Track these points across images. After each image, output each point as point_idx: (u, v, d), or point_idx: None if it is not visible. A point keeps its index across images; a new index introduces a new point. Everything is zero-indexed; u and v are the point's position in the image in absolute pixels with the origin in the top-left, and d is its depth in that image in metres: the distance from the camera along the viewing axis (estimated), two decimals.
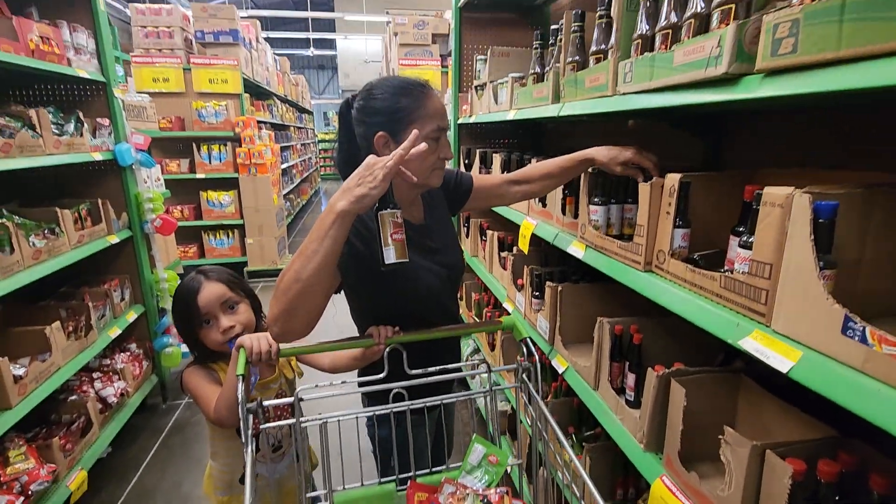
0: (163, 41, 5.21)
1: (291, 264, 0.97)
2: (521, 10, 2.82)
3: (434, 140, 1.10)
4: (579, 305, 1.57)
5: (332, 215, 0.93)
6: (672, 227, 1.02)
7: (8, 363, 1.78)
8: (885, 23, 0.55)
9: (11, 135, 1.92)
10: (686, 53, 0.88)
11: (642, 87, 1.04)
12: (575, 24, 1.45)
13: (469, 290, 2.97)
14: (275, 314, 0.98)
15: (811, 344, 0.70)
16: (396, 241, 1.00)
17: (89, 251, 2.37)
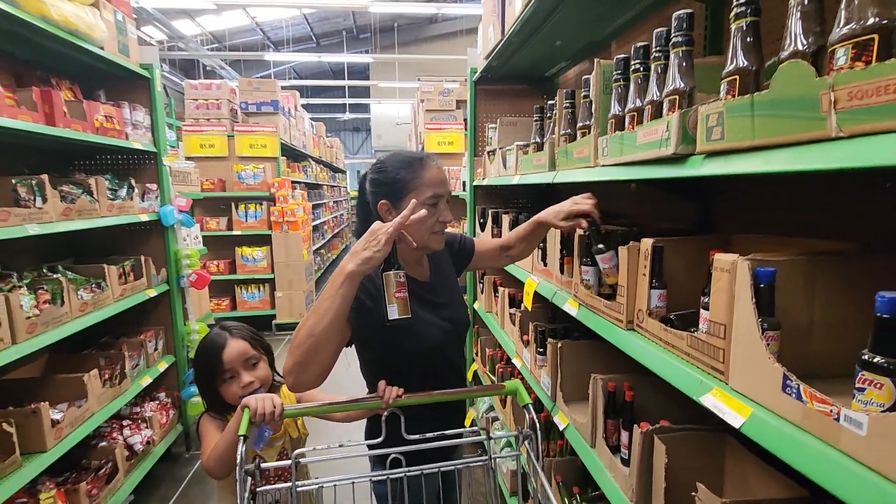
0: (211, 112, 5.75)
1: (305, 321, 1.08)
2: (532, 81, 3.03)
3: (431, 206, 1.22)
4: (579, 362, 1.61)
5: (342, 276, 1.06)
6: (648, 287, 1.09)
7: (48, 407, 1.93)
8: (781, 119, 0.65)
9: (73, 200, 2.18)
10: (645, 134, 0.99)
11: (616, 161, 1.15)
12: (566, 101, 1.60)
13: (483, 345, 3.01)
14: (289, 366, 1.08)
15: (760, 401, 0.75)
16: (399, 299, 1.10)
17: (130, 304, 2.57)
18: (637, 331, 1.14)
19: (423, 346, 1.26)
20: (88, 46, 2.23)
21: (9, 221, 1.78)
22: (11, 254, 2.32)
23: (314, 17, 14.68)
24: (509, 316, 2.34)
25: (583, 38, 2.24)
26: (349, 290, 1.06)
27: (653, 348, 1.05)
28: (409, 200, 1.22)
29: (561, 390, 1.61)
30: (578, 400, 1.60)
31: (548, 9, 1.86)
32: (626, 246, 1.15)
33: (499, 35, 2.28)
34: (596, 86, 1.27)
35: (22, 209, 1.85)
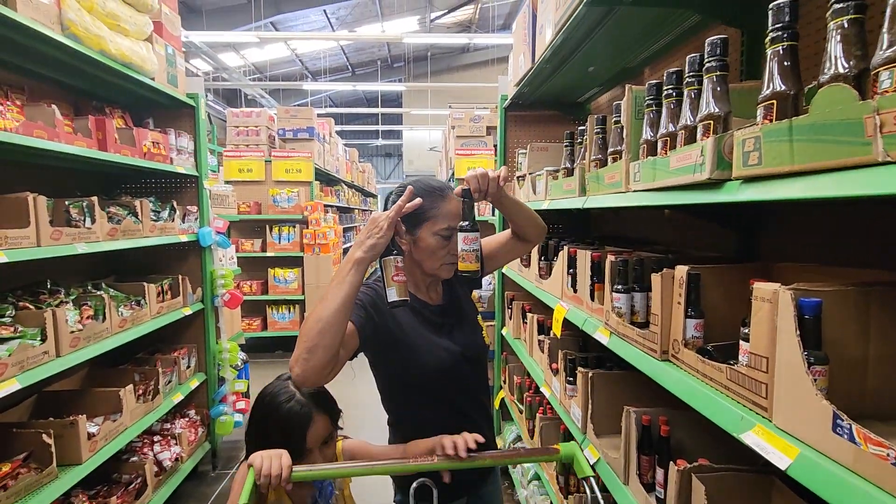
0: (251, 138, 6.00)
1: (313, 312, 1.10)
2: (563, 107, 3.04)
3: (445, 238, 1.24)
4: (612, 393, 1.55)
5: (350, 263, 1.10)
6: (684, 317, 1.05)
7: (85, 420, 1.99)
8: (822, 144, 0.62)
9: (119, 221, 2.29)
10: (678, 159, 0.97)
11: (648, 186, 1.13)
12: (597, 127, 1.59)
13: (512, 372, 2.95)
14: (296, 355, 1.06)
15: (808, 441, 0.70)
16: (397, 282, 1.13)
17: (166, 321, 2.66)
18: (672, 362, 1.10)
19: (428, 369, 1.25)
20: (141, 78, 2.37)
21: (61, 240, 1.88)
22: (61, 271, 2.44)
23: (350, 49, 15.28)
24: (538, 343, 2.30)
25: (615, 65, 2.24)
26: (356, 276, 1.09)
27: (689, 380, 1.00)
28: (424, 228, 1.25)
29: (592, 422, 1.55)
30: (610, 433, 1.54)
31: (579, 38, 1.88)
32: (659, 273, 1.12)
33: (529, 63, 2.31)
34: (627, 111, 1.26)
35: (73, 229, 1.96)
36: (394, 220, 1.13)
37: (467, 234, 1.18)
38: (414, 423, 1.31)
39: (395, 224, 1.13)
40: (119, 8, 2.22)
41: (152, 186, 2.98)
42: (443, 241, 1.24)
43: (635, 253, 1.59)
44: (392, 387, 1.32)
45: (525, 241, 1.48)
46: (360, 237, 1.13)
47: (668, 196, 1.04)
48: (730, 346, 1.04)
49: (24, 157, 2.06)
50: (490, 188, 1.22)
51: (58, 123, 1.90)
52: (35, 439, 1.84)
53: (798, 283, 0.78)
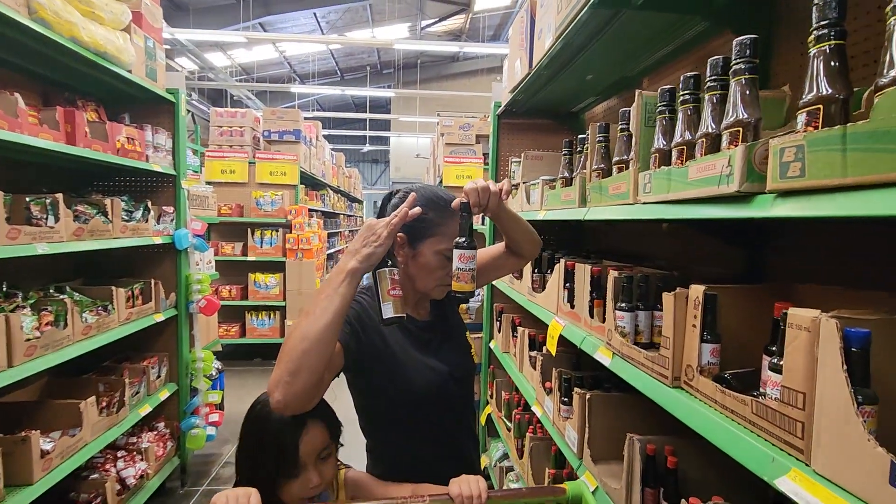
0: (234, 138, 5.84)
1: (296, 326, 0.96)
2: (557, 116, 2.98)
3: (447, 258, 1.13)
4: (611, 417, 1.46)
5: (342, 274, 0.98)
6: (699, 341, 0.96)
7: (39, 437, 1.83)
8: (887, 154, 0.54)
9: (86, 220, 2.14)
10: (699, 170, 0.89)
11: (661, 198, 1.05)
12: (600, 135, 1.51)
13: (499, 387, 2.85)
14: (277, 378, 0.93)
15: (856, 491, 0.62)
16: (394, 297, 1.03)
17: (135, 328, 2.49)
18: (685, 389, 1.01)
19: (415, 390, 1.15)
20: (116, 69, 2.24)
21: (18, 239, 1.73)
22: (22, 272, 2.27)
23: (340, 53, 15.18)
24: (529, 359, 2.20)
25: (614, 74, 2.18)
26: (349, 288, 0.98)
27: (706, 411, 0.91)
28: (427, 244, 1.15)
29: (589, 447, 1.46)
30: (609, 459, 1.44)
31: (580, 43, 1.81)
32: (671, 293, 1.03)
33: (526, 68, 2.24)
34: (637, 118, 1.19)
35: (33, 227, 1.81)
36: (395, 229, 1.02)
37: (464, 251, 1.08)
38: (396, 447, 1.20)
39: (395, 233, 1.03)
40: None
41: (126, 185, 2.83)
42: (444, 262, 1.14)
43: (637, 269, 1.52)
44: (373, 408, 1.20)
45: (519, 257, 1.40)
46: (353, 245, 1.02)
47: (685, 209, 0.96)
48: (748, 373, 0.96)
49: None
50: (491, 203, 1.13)
51: (20, 113, 1.76)
52: None
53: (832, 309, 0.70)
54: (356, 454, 1.27)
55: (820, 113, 0.66)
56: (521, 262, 1.44)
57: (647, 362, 1.13)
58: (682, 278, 1.34)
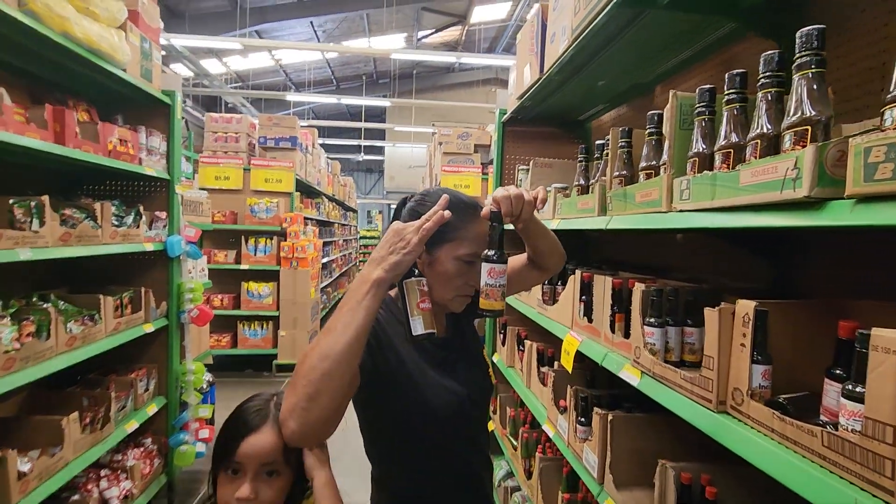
0: (229, 145, 5.74)
1: (315, 345, 0.86)
2: (563, 125, 2.93)
3: (467, 264, 1.05)
4: (635, 439, 1.37)
5: (366, 285, 0.88)
6: (749, 362, 0.88)
7: (16, 457, 1.70)
8: None
9: (74, 225, 2.02)
10: (754, 174, 0.81)
11: (702, 206, 0.97)
12: (622, 140, 1.44)
13: (504, 403, 2.75)
14: (291, 404, 0.83)
15: None
16: (424, 310, 0.93)
17: (123, 339, 2.37)
18: (732, 415, 0.92)
19: (431, 413, 1.04)
20: (110, 67, 2.14)
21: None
22: (3, 279, 2.15)
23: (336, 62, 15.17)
24: (538, 374, 2.11)
25: (627, 80, 2.13)
26: (374, 301, 0.88)
27: (761, 441, 0.83)
28: (445, 249, 1.05)
29: (611, 472, 1.36)
30: (634, 486, 1.35)
31: (596, 47, 1.75)
32: (715, 308, 0.95)
33: (536, 74, 2.17)
34: (671, 120, 1.11)
35: (15, 231, 1.69)
36: (427, 234, 0.92)
37: (493, 265, 0.98)
38: (406, 475, 1.10)
39: (426, 239, 0.92)
40: None
41: (118, 189, 2.71)
42: (463, 268, 1.05)
43: (661, 281, 1.44)
44: (382, 432, 1.10)
45: (543, 270, 1.32)
46: (378, 251, 0.92)
47: (734, 217, 0.88)
48: (805, 398, 0.88)
49: None
50: (524, 213, 1.04)
51: (6, 109, 1.66)
52: None
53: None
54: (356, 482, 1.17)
55: None
56: (545, 275, 1.36)
57: (685, 384, 1.04)
58: (713, 292, 1.27)
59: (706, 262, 1.74)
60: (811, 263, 1.27)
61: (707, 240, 1.73)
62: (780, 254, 1.36)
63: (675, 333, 1.20)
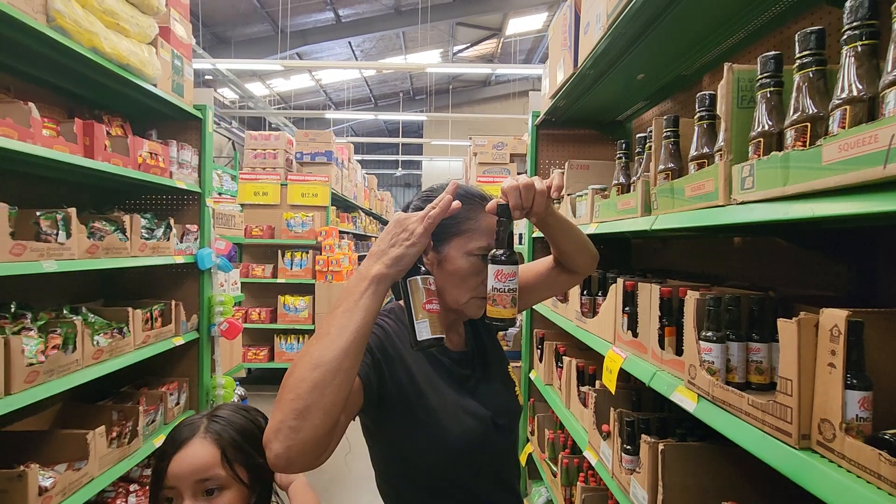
0: (268, 161, 5.86)
1: (304, 353, 0.73)
2: (600, 126, 2.76)
3: (481, 259, 0.91)
4: (692, 472, 1.17)
5: (364, 282, 0.75)
6: (843, 387, 0.70)
7: (37, 471, 1.67)
8: None
9: (101, 237, 2.03)
10: (843, 148, 0.64)
11: (770, 195, 0.80)
12: (667, 130, 1.28)
13: (542, 424, 2.56)
14: (276, 423, 0.70)
15: None
16: (430, 311, 0.79)
17: (153, 352, 2.36)
18: (820, 452, 0.74)
19: (449, 442, 0.89)
20: (140, 82, 2.16)
21: (23, 256, 1.62)
22: (35, 292, 2.18)
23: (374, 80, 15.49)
24: (578, 394, 1.93)
25: (669, 72, 1.95)
26: (374, 300, 0.75)
27: (863, 490, 0.64)
28: (454, 245, 0.92)
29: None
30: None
31: (634, 33, 1.59)
32: (793, 320, 0.77)
33: (570, 69, 2.03)
34: (727, 98, 0.95)
35: (41, 244, 1.69)
36: (433, 224, 0.79)
37: (501, 266, 0.84)
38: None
39: (432, 229, 0.80)
40: (119, 6, 2.02)
41: (151, 203, 2.75)
42: (477, 265, 0.91)
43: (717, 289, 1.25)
44: (394, 463, 0.96)
45: (572, 273, 1.15)
46: (379, 244, 0.80)
47: (817, 205, 0.71)
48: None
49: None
50: (536, 205, 0.87)
51: (34, 123, 1.67)
52: None
53: None
54: None
55: None
56: (574, 279, 1.19)
57: (754, 411, 0.86)
58: (780, 301, 1.08)
59: (768, 269, 1.53)
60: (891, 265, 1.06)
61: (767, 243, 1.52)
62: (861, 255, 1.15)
63: (737, 350, 1.02)
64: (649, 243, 2.45)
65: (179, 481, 0.86)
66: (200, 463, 0.87)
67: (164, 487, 0.87)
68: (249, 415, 1.00)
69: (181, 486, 0.86)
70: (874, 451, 0.64)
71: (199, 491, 0.86)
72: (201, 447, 0.88)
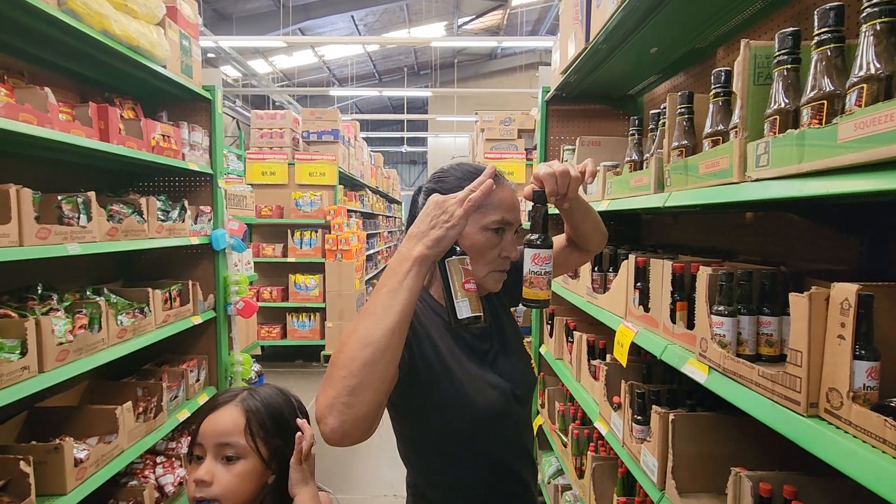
0: (274, 140, 5.85)
1: (353, 331, 0.77)
2: (612, 101, 2.73)
3: (496, 233, 0.95)
4: (700, 442, 1.22)
5: (407, 262, 0.78)
6: (851, 357, 0.72)
7: (72, 445, 1.76)
8: None
9: (120, 220, 2.07)
10: (859, 126, 0.65)
11: (785, 172, 0.81)
12: (682, 106, 1.28)
13: (552, 396, 2.62)
14: (330, 399, 0.74)
15: None
16: (470, 291, 0.82)
17: (173, 331, 2.43)
18: (827, 420, 0.77)
19: (474, 412, 0.94)
20: (149, 64, 2.17)
21: (48, 239, 1.66)
22: (58, 273, 2.24)
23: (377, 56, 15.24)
24: (589, 368, 1.97)
25: (682, 45, 1.92)
26: (416, 280, 0.79)
27: (868, 454, 0.67)
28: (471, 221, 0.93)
29: (673, 477, 1.22)
30: (699, 492, 1.21)
31: (649, 6, 1.57)
32: (805, 294, 0.79)
33: (581, 44, 2.01)
34: (743, 74, 0.95)
35: (64, 227, 1.74)
36: (473, 206, 0.81)
37: (538, 251, 0.89)
38: (446, 481, 1.00)
39: (472, 211, 0.82)
40: None
41: (165, 185, 2.78)
42: (493, 238, 0.95)
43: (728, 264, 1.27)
44: (419, 434, 1.00)
45: (584, 252, 1.22)
46: (417, 227, 0.82)
47: (832, 182, 0.72)
48: None
49: (11, 146, 1.85)
50: (570, 191, 0.93)
51: (51, 108, 1.69)
52: (14, 467, 1.60)
53: None
54: None
55: None
56: (586, 257, 1.25)
57: (764, 382, 0.89)
58: (792, 275, 1.10)
59: (780, 244, 1.54)
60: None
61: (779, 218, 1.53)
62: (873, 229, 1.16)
63: (748, 323, 1.04)
64: (660, 219, 2.46)
65: (205, 439, 0.93)
66: (224, 427, 0.93)
67: (195, 444, 0.95)
68: (284, 398, 1.05)
69: (206, 444, 0.93)
70: (880, 417, 0.68)
71: (219, 454, 0.93)
72: (230, 413, 0.95)
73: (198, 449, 0.94)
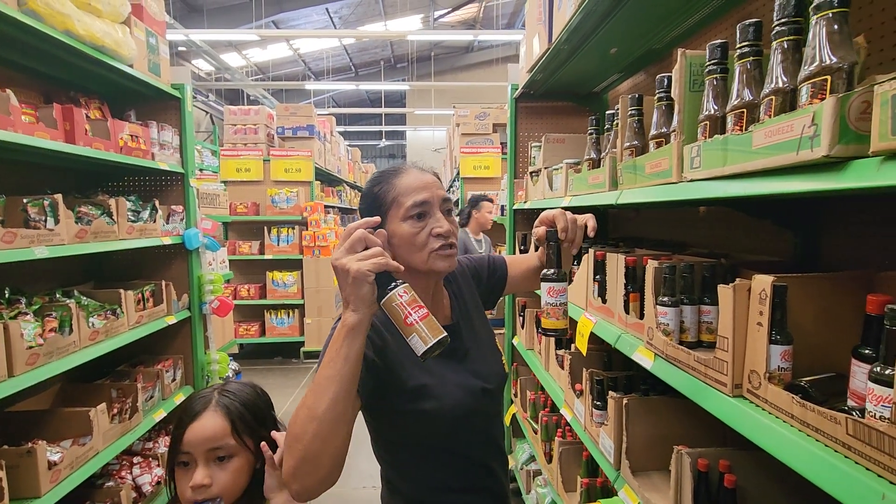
0: (248, 136, 5.79)
1: (304, 401, 0.82)
2: (578, 98, 2.80)
3: (416, 218, 0.96)
4: (652, 423, 1.31)
5: (343, 330, 0.81)
6: (767, 342, 0.80)
7: (45, 447, 1.76)
8: None
9: (89, 222, 2.06)
10: (768, 134, 0.73)
11: (713, 174, 0.89)
12: (632, 108, 1.35)
13: (524, 386, 2.71)
14: (291, 468, 0.80)
15: None
16: (414, 322, 0.79)
17: (146, 332, 2.42)
18: (749, 399, 0.85)
19: (443, 411, 0.97)
20: (115, 63, 2.15)
21: (14, 243, 1.66)
22: (26, 277, 2.22)
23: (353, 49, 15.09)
24: (556, 357, 2.05)
25: (640, 46, 2.00)
26: (352, 347, 0.80)
27: (779, 428, 0.76)
28: (390, 218, 0.97)
29: (627, 458, 1.31)
30: (651, 470, 1.29)
31: (604, 10, 1.64)
32: (729, 285, 0.87)
33: (545, 44, 2.07)
34: (680, 82, 1.02)
35: (30, 230, 1.73)
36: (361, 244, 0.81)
37: (552, 284, 0.99)
38: (417, 476, 1.04)
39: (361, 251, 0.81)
40: None
41: (135, 185, 2.76)
42: (417, 223, 0.96)
43: (677, 257, 1.35)
44: (389, 435, 1.04)
45: None
46: (342, 292, 0.83)
47: (748, 185, 0.80)
48: (829, 380, 0.80)
49: None
50: (577, 239, 1.09)
51: (13, 111, 1.68)
52: None
53: None
54: None
55: None
56: None
57: (698, 366, 0.97)
58: (730, 267, 1.18)
59: (727, 237, 1.64)
60: (837, 232, 1.16)
61: (726, 212, 1.62)
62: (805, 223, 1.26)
63: (690, 313, 1.12)
64: (623, 213, 2.55)
65: (194, 448, 0.98)
66: (213, 433, 0.99)
67: (180, 452, 0.99)
68: (254, 391, 1.11)
69: (195, 452, 0.98)
70: (788, 395, 0.76)
71: (211, 458, 0.99)
72: (213, 419, 1.00)
73: (185, 456, 0.99)
